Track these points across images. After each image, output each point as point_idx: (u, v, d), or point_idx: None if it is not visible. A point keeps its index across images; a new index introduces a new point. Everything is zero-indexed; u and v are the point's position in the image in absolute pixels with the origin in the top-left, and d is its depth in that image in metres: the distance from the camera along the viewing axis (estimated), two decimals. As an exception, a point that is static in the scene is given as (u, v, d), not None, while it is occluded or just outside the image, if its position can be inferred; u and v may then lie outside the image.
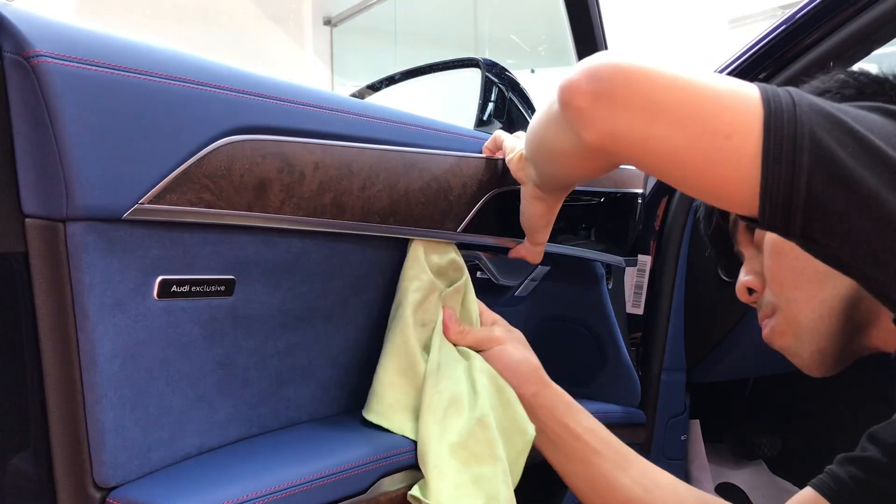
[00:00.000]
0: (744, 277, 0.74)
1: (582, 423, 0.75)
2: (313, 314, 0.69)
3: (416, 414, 0.69)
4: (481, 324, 0.79)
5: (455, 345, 0.76)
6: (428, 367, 0.71)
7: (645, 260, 1.13)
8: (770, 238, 0.69)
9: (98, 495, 0.54)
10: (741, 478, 1.37)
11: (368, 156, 0.68)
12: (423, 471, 0.66)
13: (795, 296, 0.67)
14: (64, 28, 0.51)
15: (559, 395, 0.77)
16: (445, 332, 0.74)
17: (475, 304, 0.79)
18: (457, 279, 0.77)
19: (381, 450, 0.66)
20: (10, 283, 0.53)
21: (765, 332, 0.72)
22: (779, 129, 0.43)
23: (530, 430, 0.73)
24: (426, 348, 0.73)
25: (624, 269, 1.08)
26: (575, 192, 0.95)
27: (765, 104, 0.44)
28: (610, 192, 0.99)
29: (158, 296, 0.56)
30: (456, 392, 0.70)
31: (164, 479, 0.57)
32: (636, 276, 1.12)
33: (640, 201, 1.01)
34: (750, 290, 0.74)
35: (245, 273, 0.62)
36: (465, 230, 0.78)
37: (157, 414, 0.57)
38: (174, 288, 0.57)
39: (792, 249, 0.62)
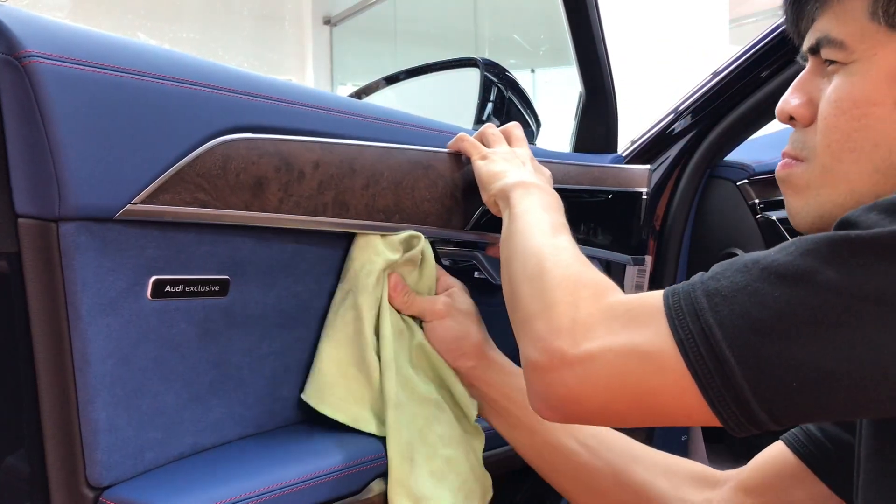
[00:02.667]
0: (793, 100, 0.58)
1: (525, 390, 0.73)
2: (308, 314, 0.69)
3: (370, 405, 0.67)
4: (437, 290, 0.76)
5: (399, 312, 0.72)
6: (384, 354, 0.68)
7: (645, 260, 1.13)
8: (859, 89, 0.53)
9: (91, 495, 0.54)
10: (741, 478, 1.36)
11: (371, 154, 0.68)
12: (393, 464, 0.64)
13: (847, 156, 0.54)
14: (56, 28, 0.51)
15: (498, 367, 0.74)
16: (391, 300, 0.70)
17: (433, 271, 0.75)
18: (414, 245, 0.72)
19: (375, 450, 0.66)
20: (3, 283, 0.53)
21: (781, 171, 0.60)
22: (709, 377, 0.44)
23: (472, 410, 0.72)
24: (376, 330, 0.69)
25: (624, 268, 1.07)
26: (580, 191, 0.95)
27: (685, 359, 0.45)
28: (615, 191, 0.99)
29: (152, 295, 0.56)
30: (406, 376, 0.69)
31: (158, 478, 0.56)
32: (636, 277, 1.12)
33: (644, 199, 1.00)
34: (791, 118, 0.59)
35: (240, 273, 0.62)
36: (472, 228, 0.78)
37: (150, 414, 0.57)
38: (168, 288, 0.57)
39: (881, 108, 0.52)
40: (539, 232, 0.61)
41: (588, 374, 0.49)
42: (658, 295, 0.49)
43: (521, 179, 0.68)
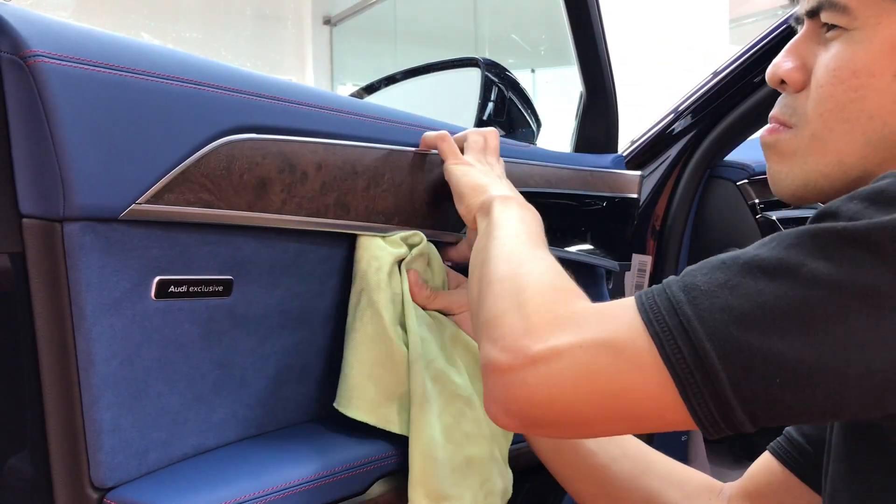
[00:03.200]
0: (786, 64, 0.57)
1: None
2: (311, 314, 0.69)
3: (400, 404, 0.67)
4: (448, 287, 0.76)
5: (424, 309, 0.72)
6: (411, 349, 0.67)
7: (645, 260, 1.13)
8: (861, 59, 0.51)
9: (95, 496, 0.54)
10: (741, 478, 1.36)
11: (373, 156, 0.68)
12: (414, 463, 0.63)
13: (840, 126, 0.52)
14: (61, 27, 0.51)
15: None
16: (413, 297, 0.70)
17: (441, 267, 0.75)
18: (417, 242, 0.72)
19: (379, 450, 0.66)
20: (7, 284, 0.53)
21: (768, 136, 0.58)
22: (687, 373, 0.42)
23: None
24: (401, 324, 0.69)
25: (623, 270, 1.07)
26: (570, 195, 0.95)
27: (661, 353, 0.43)
28: (605, 196, 0.99)
29: (156, 296, 0.56)
30: (438, 369, 0.68)
31: (162, 479, 0.56)
32: (636, 277, 1.12)
33: (634, 204, 1.01)
34: (782, 81, 0.57)
35: (243, 273, 0.62)
36: (468, 231, 0.78)
37: (154, 414, 0.57)
38: (172, 288, 0.57)
39: (880, 80, 0.50)
40: (517, 241, 0.59)
41: (552, 373, 0.45)
42: (630, 298, 0.47)
43: (504, 194, 0.66)
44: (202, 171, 0.56)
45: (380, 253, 0.68)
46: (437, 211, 0.74)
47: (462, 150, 0.73)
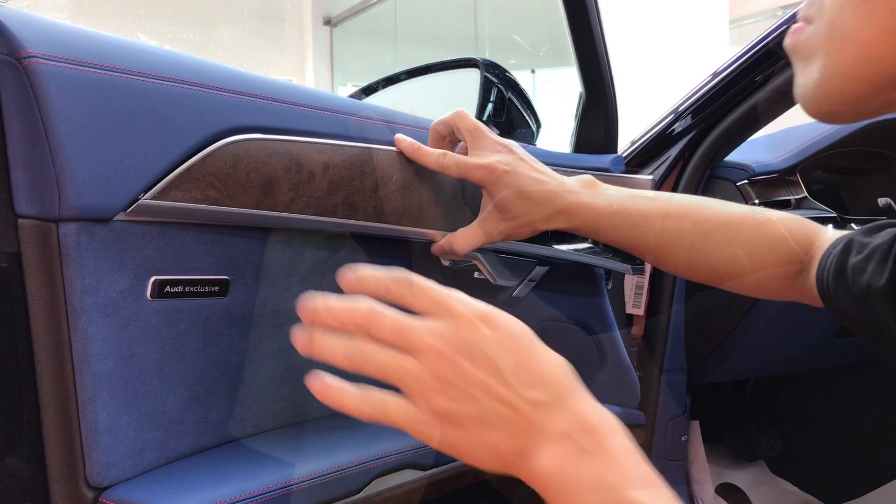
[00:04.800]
0: None
1: None
2: (309, 314, 0.69)
3: None
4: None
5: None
6: None
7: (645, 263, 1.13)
8: None
9: (91, 495, 0.54)
10: (741, 478, 1.37)
11: (381, 156, 0.68)
12: None
13: (859, 7, 0.42)
14: (57, 28, 0.51)
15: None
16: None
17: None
18: None
19: (374, 450, 0.66)
20: (3, 284, 0.53)
21: (789, 38, 0.51)
22: None
23: None
24: None
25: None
26: None
27: None
28: None
29: (152, 296, 0.56)
30: None
31: (158, 478, 0.56)
32: (637, 278, 1.12)
33: None
34: None
35: (239, 273, 0.62)
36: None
37: (150, 414, 0.57)
38: (168, 288, 0.57)
39: None
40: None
41: None
42: None
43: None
44: (197, 171, 0.56)
45: None
46: (446, 212, 0.74)
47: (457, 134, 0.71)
